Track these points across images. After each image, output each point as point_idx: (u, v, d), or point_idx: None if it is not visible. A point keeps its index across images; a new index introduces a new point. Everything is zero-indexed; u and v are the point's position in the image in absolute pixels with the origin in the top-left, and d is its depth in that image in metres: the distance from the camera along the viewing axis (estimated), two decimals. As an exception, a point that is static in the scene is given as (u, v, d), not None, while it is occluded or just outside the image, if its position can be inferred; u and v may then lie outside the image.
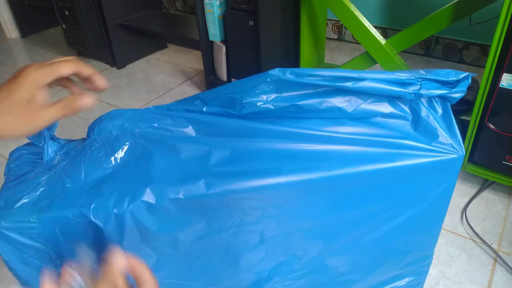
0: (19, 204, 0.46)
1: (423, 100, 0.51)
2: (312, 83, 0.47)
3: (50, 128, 0.53)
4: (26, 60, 2.14)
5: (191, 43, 1.79)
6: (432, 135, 0.50)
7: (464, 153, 0.51)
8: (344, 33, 2.03)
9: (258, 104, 0.48)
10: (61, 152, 0.52)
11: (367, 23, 1.26)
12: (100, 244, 0.47)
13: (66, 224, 0.46)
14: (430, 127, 0.51)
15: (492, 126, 0.98)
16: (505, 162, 1.01)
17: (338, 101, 0.49)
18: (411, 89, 0.48)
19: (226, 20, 1.43)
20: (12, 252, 0.48)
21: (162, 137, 0.49)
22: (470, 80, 0.50)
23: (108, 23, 1.83)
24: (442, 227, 1.01)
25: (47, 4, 2.02)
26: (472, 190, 1.12)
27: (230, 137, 0.48)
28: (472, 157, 1.06)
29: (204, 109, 0.51)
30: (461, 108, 1.31)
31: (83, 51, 2.05)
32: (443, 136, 0.50)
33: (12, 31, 2.43)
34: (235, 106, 0.50)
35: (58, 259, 0.49)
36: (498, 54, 0.90)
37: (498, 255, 0.93)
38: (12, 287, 0.50)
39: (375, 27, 1.29)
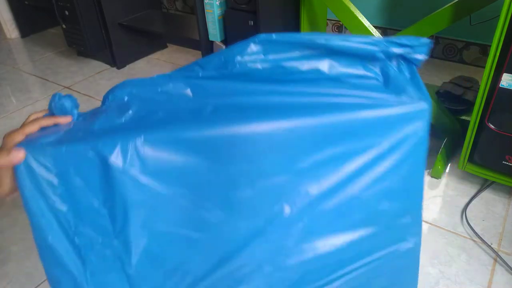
0: (40, 142, 0.53)
1: (393, 64, 0.58)
2: (294, 41, 0.56)
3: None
4: (26, 60, 2.15)
5: (191, 43, 1.79)
6: (401, 91, 0.56)
7: (431, 104, 0.56)
8: (344, 33, 2.04)
9: (249, 64, 0.57)
10: (80, 119, 0.59)
11: (367, 23, 1.26)
12: (105, 180, 0.53)
13: (76, 157, 0.52)
14: (400, 85, 0.56)
15: (492, 126, 0.98)
16: (505, 162, 1.01)
17: (317, 63, 0.57)
18: (379, 48, 0.56)
19: (226, 20, 1.44)
20: (30, 184, 0.52)
21: (165, 99, 0.57)
22: (431, 44, 0.57)
23: (108, 23, 1.83)
24: (442, 227, 1.01)
25: (47, 4, 2.03)
26: (472, 190, 1.12)
27: (224, 95, 0.56)
28: (472, 157, 1.06)
29: (200, 74, 0.59)
30: (461, 108, 1.31)
31: (83, 51, 2.05)
32: (412, 91, 0.56)
33: (12, 31, 2.43)
34: (227, 67, 0.58)
35: (66, 194, 0.54)
36: (498, 54, 0.90)
37: (498, 255, 0.93)
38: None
39: (375, 27, 1.29)
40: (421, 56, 0.57)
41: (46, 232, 0.54)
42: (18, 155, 0.49)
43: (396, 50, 0.56)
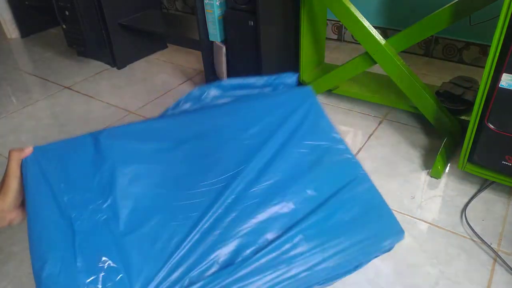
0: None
1: (279, 87, 0.90)
2: (218, 86, 0.86)
3: None
4: (27, 60, 2.15)
5: (191, 43, 1.79)
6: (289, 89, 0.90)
7: (311, 91, 0.87)
8: (344, 33, 2.04)
9: (191, 103, 0.84)
10: None
11: (366, 23, 1.26)
12: (97, 153, 0.68)
13: (74, 144, 0.69)
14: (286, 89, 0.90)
15: (491, 126, 0.99)
16: (504, 162, 1.01)
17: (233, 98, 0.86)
18: (268, 78, 0.89)
19: (226, 20, 1.44)
20: (33, 169, 0.64)
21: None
22: (296, 75, 0.88)
23: (108, 23, 1.84)
24: (442, 226, 1.01)
25: (47, 4, 2.03)
26: (472, 190, 1.12)
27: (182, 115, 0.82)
28: (472, 157, 1.06)
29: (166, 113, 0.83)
30: (461, 108, 1.31)
31: (83, 51, 2.05)
32: (295, 88, 0.88)
33: (12, 31, 2.43)
34: (178, 106, 0.83)
35: (64, 173, 0.66)
36: (497, 54, 0.90)
37: (497, 255, 0.93)
38: None
39: (375, 27, 1.29)
40: (292, 80, 0.90)
41: (41, 206, 0.61)
42: (29, 148, 0.61)
43: (275, 77, 0.90)
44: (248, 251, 0.66)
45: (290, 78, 0.90)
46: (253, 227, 0.70)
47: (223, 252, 0.65)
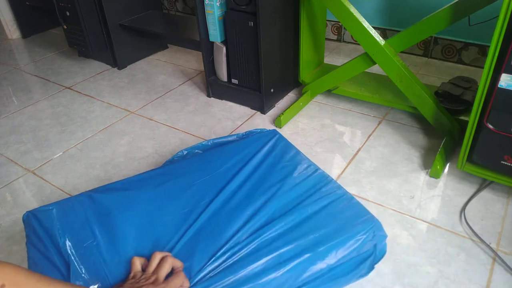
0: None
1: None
2: (199, 146, 1.13)
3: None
4: (27, 61, 2.15)
5: (192, 43, 1.79)
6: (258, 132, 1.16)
7: (276, 132, 1.12)
8: (344, 34, 2.04)
9: (175, 158, 1.10)
10: None
11: (366, 24, 1.27)
12: (90, 204, 0.87)
13: (70, 202, 0.88)
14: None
15: (490, 126, 0.99)
16: (503, 162, 1.01)
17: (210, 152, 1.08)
18: (243, 133, 1.16)
19: (226, 21, 1.44)
20: (36, 224, 0.82)
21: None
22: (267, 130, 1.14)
23: (109, 23, 1.84)
24: (441, 226, 1.01)
25: (48, 5, 2.04)
26: (471, 189, 1.12)
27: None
28: (471, 157, 1.07)
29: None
30: (460, 109, 1.32)
31: (84, 52, 2.06)
32: (264, 130, 1.15)
33: (13, 32, 2.44)
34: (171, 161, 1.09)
35: (62, 224, 0.82)
36: (496, 54, 0.90)
37: (496, 255, 0.93)
38: None
39: (374, 28, 1.30)
40: (262, 131, 1.14)
41: (40, 249, 0.77)
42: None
43: (250, 132, 1.15)
44: (228, 245, 0.78)
45: (262, 131, 1.12)
46: (231, 229, 0.81)
47: (208, 248, 0.78)
